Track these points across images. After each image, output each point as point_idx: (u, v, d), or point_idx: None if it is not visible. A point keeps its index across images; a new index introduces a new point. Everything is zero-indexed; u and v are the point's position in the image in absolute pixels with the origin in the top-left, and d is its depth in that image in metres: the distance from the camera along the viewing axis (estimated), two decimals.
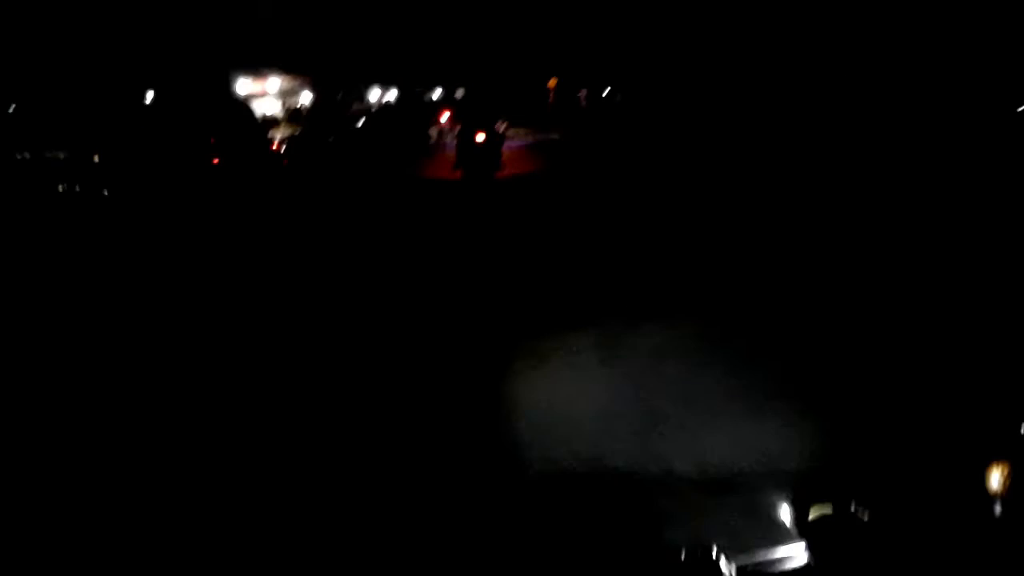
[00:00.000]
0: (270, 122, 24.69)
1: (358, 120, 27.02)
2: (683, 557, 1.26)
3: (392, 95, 32.06)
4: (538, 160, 17.98)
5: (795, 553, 1.38)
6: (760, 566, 1.36)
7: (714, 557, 1.27)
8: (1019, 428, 1.33)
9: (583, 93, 30.01)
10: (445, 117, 25.59)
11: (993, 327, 5.38)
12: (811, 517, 1.36)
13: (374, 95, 32.64)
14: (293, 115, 23.25)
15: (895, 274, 7.19)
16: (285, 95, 26.53)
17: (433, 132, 26.57)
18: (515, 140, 22.35)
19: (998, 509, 1.29)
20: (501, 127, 18.94)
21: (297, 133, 22.34)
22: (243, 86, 22.32)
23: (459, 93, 38.41)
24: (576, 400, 4.47)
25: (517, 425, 4.70)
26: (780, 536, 1.42)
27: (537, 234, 9.47)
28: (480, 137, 14.01)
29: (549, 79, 29.72)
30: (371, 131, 25.26)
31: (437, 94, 34.17)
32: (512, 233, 9.73)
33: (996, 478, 1.30)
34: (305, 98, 27.36)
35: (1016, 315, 5.64)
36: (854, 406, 4.39)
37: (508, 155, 15.72)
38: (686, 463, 3.80)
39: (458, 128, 21.47)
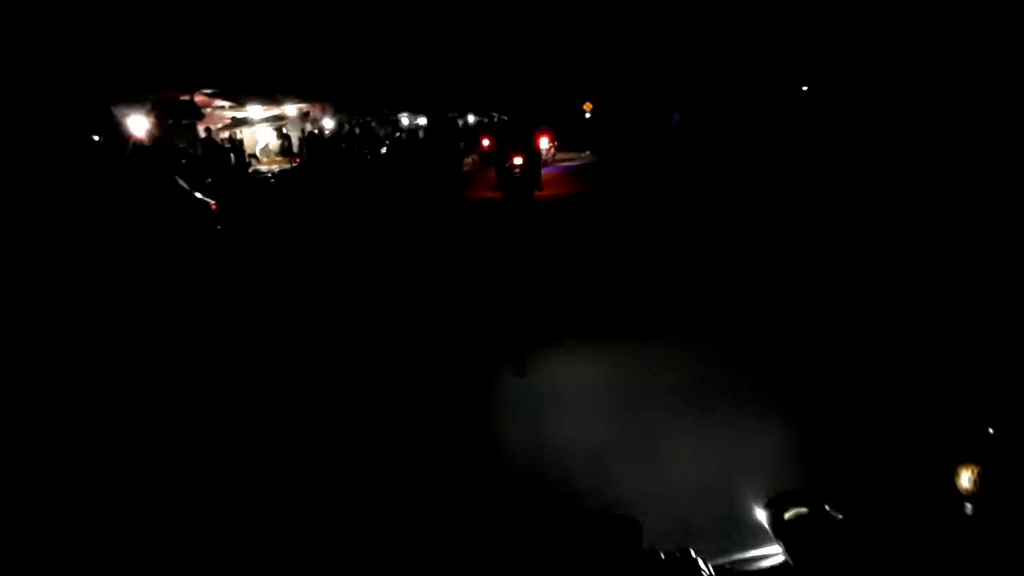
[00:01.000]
0: (255, 154, 23.58)
1: (382, 146, 26.35)
2: (661, 559, 1.31)
3: (422, 120, 31.97)
4: (577, 182, 18.02)
5: (771, 553, 1.41)
6: (736, 566, 1.39)
7: (692, 558, 1.31)
8: (987, 428, 1.35)
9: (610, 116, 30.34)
10: (486, 143, 25.12)
11: (965, 328, 5.79)
12: (786, 517, 1.39)
13: (406, 121, 32.84)
14: (308, 140, 22.20)
15: (879, 279, 7.63)
16: (303, 120, 25.87)
17: (468, 160, 25.63)
18: (555, 163, 22.55)
19: (969, 508, 1.31)
20: (547, 149, 18.95)
21: (289, 166, 21.52)
22: (256, 112, 21.87)
23: (489, 116, 37.60)
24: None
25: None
26: (756, 537, 1.45)
27: (568, 251, 9.49)
28: (519, 159, 14.12)
29: (584, 103, 30.59)
30: (397, 157, 24.52)
31: (471, 119, 34.87)
32: (545, 249, 9.77)
33: (967, 478, 1.33)
34: (327, 123, 27.34)
35: (987, 317, 5.99)
36: (828, 407, 4.76)
37: (548, 177, 15.79)
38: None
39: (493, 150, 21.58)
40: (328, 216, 14.69)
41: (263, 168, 21.64)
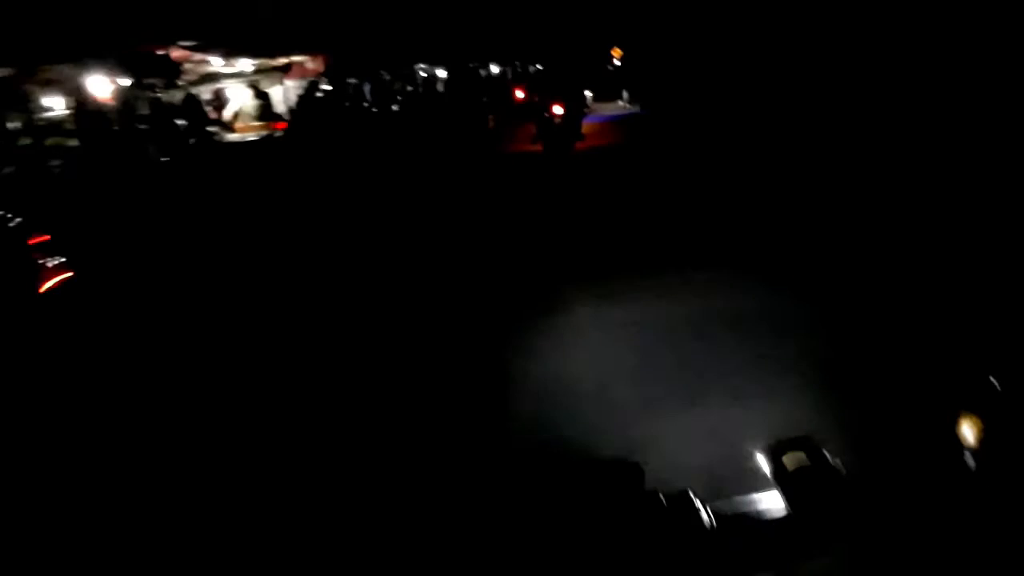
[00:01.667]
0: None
1: (393, 102, 22.31)
2: (662, 503, 1.37)
3: (441, 72, 27.23)
4: (618, 132, 17.44)
5: (771, 501, 1.45)
6: (737, 511, 1.45)
7: (692, 502, 1.37)
8: (990, 381, 1.35)
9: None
10: (520, 94, 23.36)
11: (965, 286, 5.46)
12: (787, 466, 1.43)
13: (423, 74, 27.62)
14: (302, 99, 18.53)
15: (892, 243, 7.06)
16: (286, 75, 21.33)
17: (491, 118, 21.29)
18: (595, 113, 21.65)
19: (971, 460, 1.33)
20: (583, 100, 17.24)
21: (269, 133, 17.72)
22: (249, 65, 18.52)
23: (514, 66, 34.83)
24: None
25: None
26: (757, 484, 1.49)
27: (614, 200, 9.24)
28: (559, 110, 13.77)
29: (612, 48, 27.67)
30: (412, 114, 20.73)
31: (494, 69, 30.25)
32: (590, 199, 9.53)
33: (969, 430, 1.35)
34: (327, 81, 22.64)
35: (988, 274, 5.64)
36: (834, 360, 4.54)
37: (588, 128, 15.34)
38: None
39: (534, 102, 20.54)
40: (317, 207, 10.87)
41: (235, 136, 17.49)
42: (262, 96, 19.21)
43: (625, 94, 25.78)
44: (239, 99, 19.01)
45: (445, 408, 4.26)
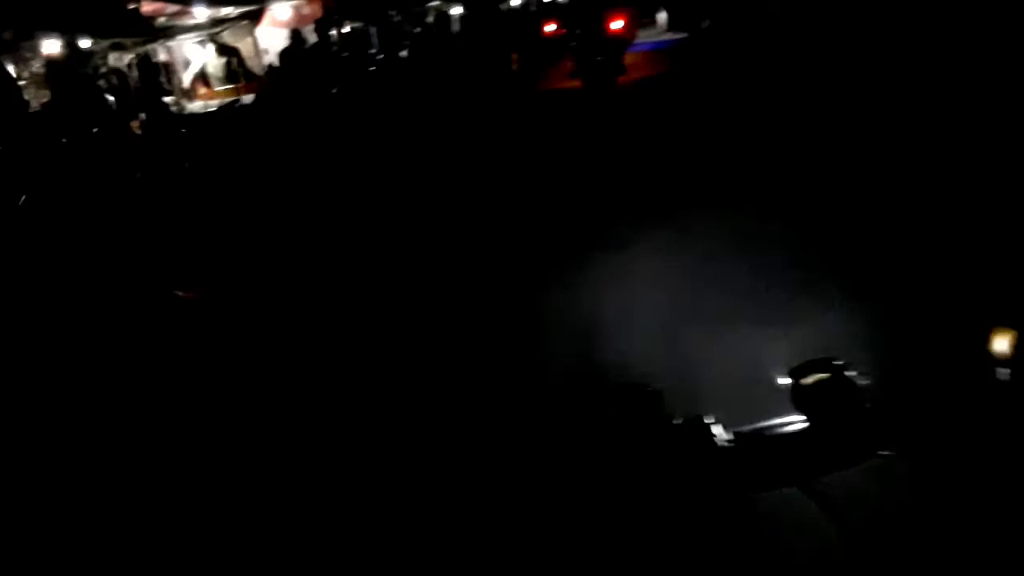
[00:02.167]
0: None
1: (399, 47, 20.08)
2: (678, 424, 1.37)
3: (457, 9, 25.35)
4: (663, 62, 17.13)
5: (793, 421, 1.44)
6: (756, 432, 1.44)
7: (709, 425, 1.36)
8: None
9: None
10: (551, 28, 22.09)
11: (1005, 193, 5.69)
12: (808, 384, 1.41)
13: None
14: (284, 55, 15.03)
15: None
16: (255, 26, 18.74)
17: (514, 58, 19.46)
18: (638, 42, 20.77)
19: (1003, 374, 1.29)
20: (627, 27, 16.53)
21: (235, 100, 14.95)
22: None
23: None
24: None
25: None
26: (776, 404, 1.48)
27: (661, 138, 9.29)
28: (599, 43, 13.62)
29: None
30: (422, 59, 18.58)
31: (514, 1, 27.92)
32: (635, 139, 9.60)
33: (1002, 342, 1.30)
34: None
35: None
36: (857, 272, 5.02)
37: (631, 59, 15.13)
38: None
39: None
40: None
41: (197, 106, 15.07)
42: (229, 52, 16.41)
43: (662, 17, 24.71)
44: (201, 59, 16.06)
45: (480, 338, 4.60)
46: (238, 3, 15.94)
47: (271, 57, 16.52)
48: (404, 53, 19.77)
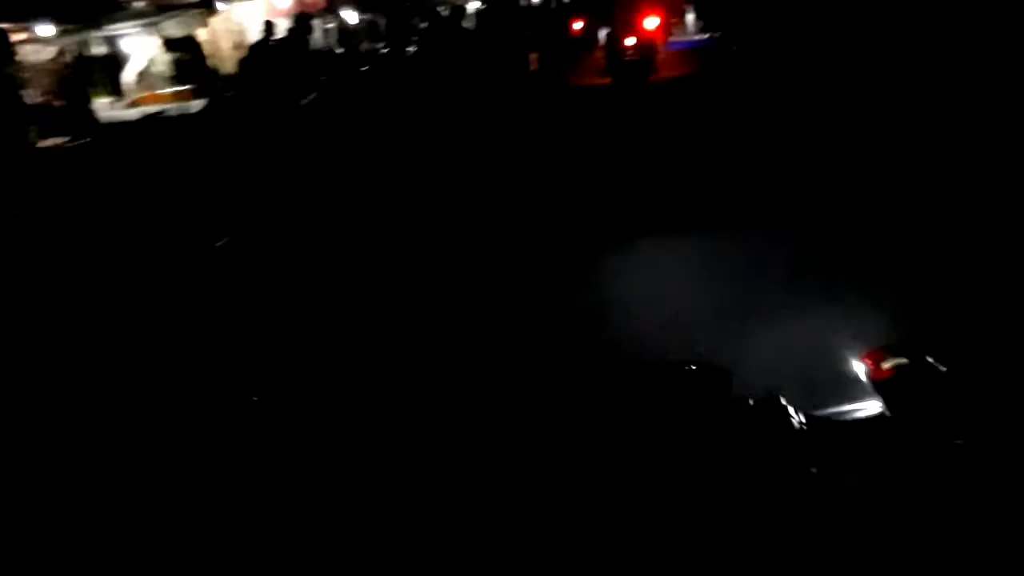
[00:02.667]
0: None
1: (406, 43, 18.46)
2: (751, 405, 1.36)
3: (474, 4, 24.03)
4: (695, 61, 17.01)
5: (868, 405, 1.43)
6: (831, 416, 1.43)
7: (782, 405, 1.36)
8: None
9: None
10: (578, 25, 21.49)
11: None
12: (885, 368, 1.40)
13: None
14: (255, 48, 12.26)
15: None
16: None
17: (533, 56, 17.84)
18: (671, 41, 20.63)
19: None
20: (661, 26, 16.32)
21: (172, 107, 12.19)
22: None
23: None
24: None
25: None
26: (853, 389, 1.47)
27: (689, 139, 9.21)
28: (630, 41, 13.62)
29: None
30: (425, 59, 16.77)
31: None
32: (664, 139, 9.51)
33: None
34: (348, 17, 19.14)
35: None
36: (929, 257, 5.18)
37: (663, 57, 15.10)
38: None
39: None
40: None
41: (134, 113, 11.89)
42: (179, 47, 13.17)
43: (691, 18, 24.52)
44: (143, 54, 12.82)
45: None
46: None
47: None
48: (411, 49, 18.09)
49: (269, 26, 11.53)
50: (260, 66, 10.89)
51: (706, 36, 22.84)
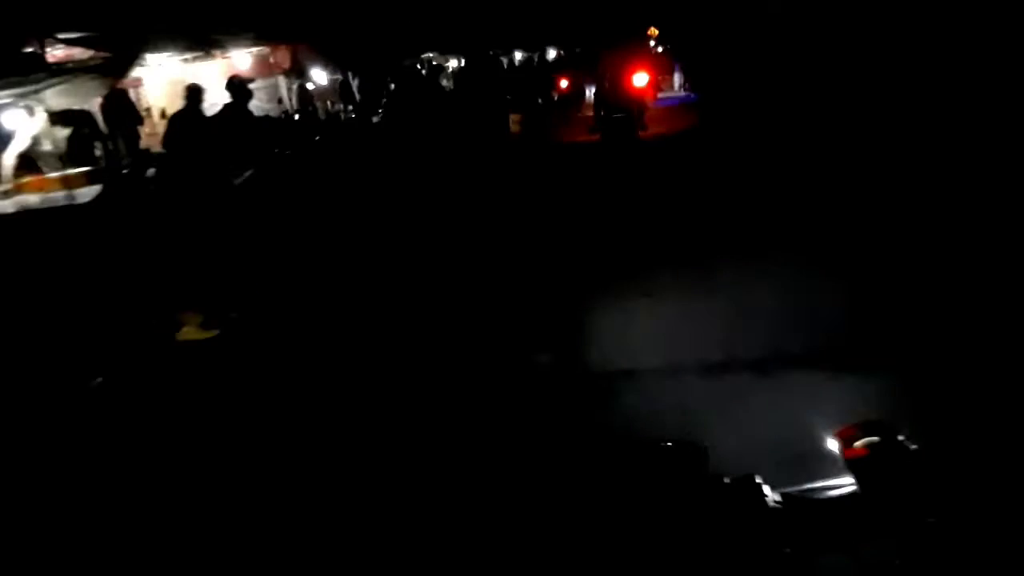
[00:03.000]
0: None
1: (374, 107, 17.12)
2: (726, 484, 1.39)
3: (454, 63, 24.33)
4: (683, 118, 17.30)
5: (842, 484, 1.46)
6: (805, 494, 1.46)
7: (757, 484, 1.38)
8: None
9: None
10: (564, 83, 22.19)
11: None
12: (857, 446, 1.43)
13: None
14: (176, 120, 9.24)
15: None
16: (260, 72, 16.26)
17: (515, 117, 16.98)
18: (660, 97, 21.11)
19: None
20: (650, 84, 16.56)
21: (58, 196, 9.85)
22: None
23: (551, 53, 30.72)
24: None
25: None
26: (826, 467, 1.50)
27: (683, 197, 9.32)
28: (619, 98, 13.84)
29: (648, 28, 26.03)
30: (393, 126, 15.24)
31: (518, 57, 27.22)
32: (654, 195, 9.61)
33: None
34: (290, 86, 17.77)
35: None
36: (906, 336, 5.08)
37: (651, 113, 15.38)
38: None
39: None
40: None
41: (4, 205, 9.72)
42: (72, 120, 11.14)
43: (677, 78, 25.21)
44: (27, 130, 10.24)
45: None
46: (90, 44, 11.14)
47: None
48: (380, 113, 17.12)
49: (194, 93, 8.99)
50: (180, 141, 8.90)
51: (692, 94, 23.44)
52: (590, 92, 18.96)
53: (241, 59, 16.16)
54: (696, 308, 6.16)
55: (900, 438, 1.44)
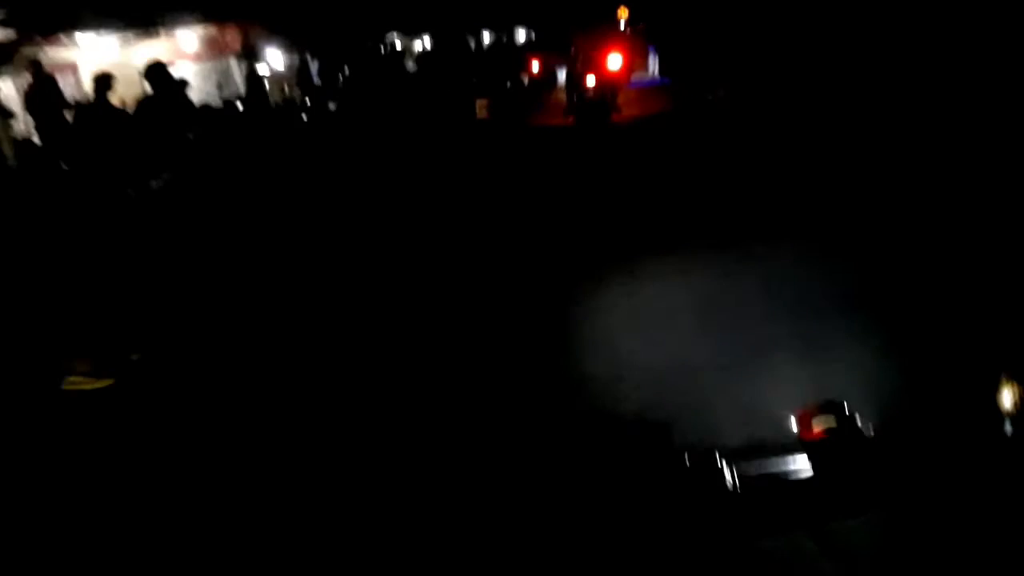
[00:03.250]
0: None
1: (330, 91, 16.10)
2: (687, 461, 1.40)
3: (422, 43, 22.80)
4: (658, 101, 17.26)
5: (797, 464, 1.48)
6: (762, 473, 1.48)
7: (717, 463, 1.40)
8: None
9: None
10: (536, 67, 21.64)
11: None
12: (815, 429, 1.45)
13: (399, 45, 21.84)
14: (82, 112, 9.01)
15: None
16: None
17: (482, 101, 16.18)
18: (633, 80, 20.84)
19: (1009, 428, 1.34)
20: (626, 67, 16.46)
21: None
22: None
23: (521, 35, 29.47)
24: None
25: None
26: (783, 448, 1.52)
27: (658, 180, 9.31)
28: (592, 81, 13.82)
29: (618, 8, 25.04)
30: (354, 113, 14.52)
31: (487, 38, 26.17)
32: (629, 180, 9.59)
33: (1009, 397, 1.35)
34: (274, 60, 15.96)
35: None
36: (866, 322, 5.09)
37: (625, 97, 15.38)
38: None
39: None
40: None
41: None
42: None
43: (652, 61, 25.01)
44: None
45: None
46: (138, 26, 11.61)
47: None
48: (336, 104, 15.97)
49: (101, 83, 7.90)
50: (83, 138, 7.72)
51: (666, 78, 23.35)
52: (562, 74, 18.90)
53: (187, 39, 14.56)
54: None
55: (857, 421, 1.46)
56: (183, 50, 14.16)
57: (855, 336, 4.83)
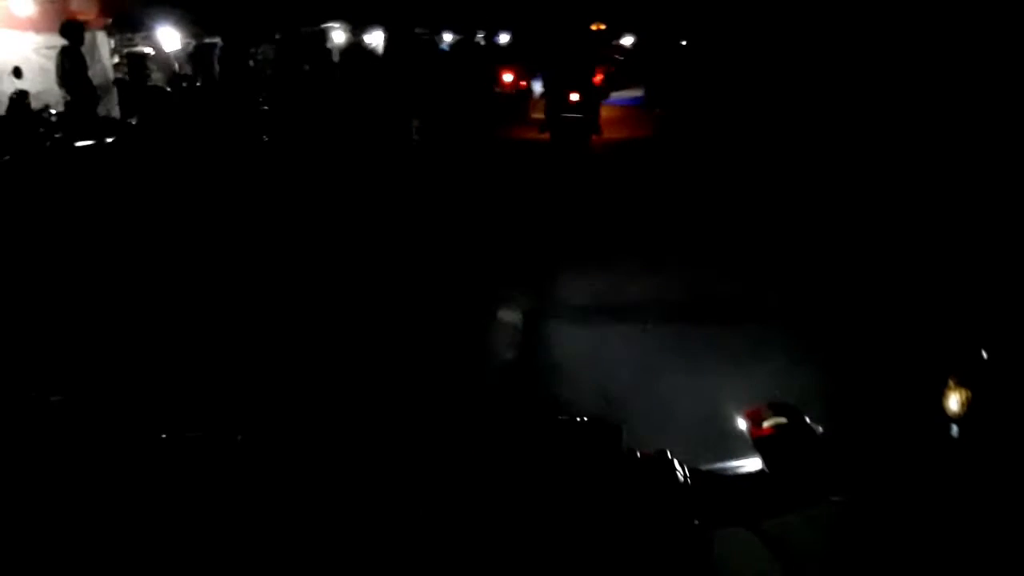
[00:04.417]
0: None
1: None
2: (638, 459, 1.43)
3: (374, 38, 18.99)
4: (645, 123, 17.07)
5: (749, 463, 1.52)
6: (714, 470, 1.52)
7: (669, 460, 1.43)
8: (981, 352, 1.41)
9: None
10: (508, 77, 20.69)
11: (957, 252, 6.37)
12: (765, 427, 1.50)
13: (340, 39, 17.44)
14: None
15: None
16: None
17: (415, 123, 14.00)
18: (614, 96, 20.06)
19: (956, 431, 1.40)
20: (600, 79, 15.86)
21: None
22: None
23: (495, 39, 26.51)
24: None
25: None
26: (734, 446, 1.57)
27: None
28: (575, 96, 13.29)
29: (593, 23, 23.95)
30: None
31: (448, 39, 22.75)
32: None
33: (955, 400, 1.41)
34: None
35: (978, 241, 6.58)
36: (817, 323, 5.38)
37: (605, 115, 15.10)
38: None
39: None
40: None
41: None
42: None
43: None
44: None
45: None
46: None
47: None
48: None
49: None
50: None
51: (641, 97, 23.01)
52: (538, 88, 17.88)
53: (21, 4, 9.92)
54: None
55: (806, 419, 1.51)
56: (16, 15, 9.67)
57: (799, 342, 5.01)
